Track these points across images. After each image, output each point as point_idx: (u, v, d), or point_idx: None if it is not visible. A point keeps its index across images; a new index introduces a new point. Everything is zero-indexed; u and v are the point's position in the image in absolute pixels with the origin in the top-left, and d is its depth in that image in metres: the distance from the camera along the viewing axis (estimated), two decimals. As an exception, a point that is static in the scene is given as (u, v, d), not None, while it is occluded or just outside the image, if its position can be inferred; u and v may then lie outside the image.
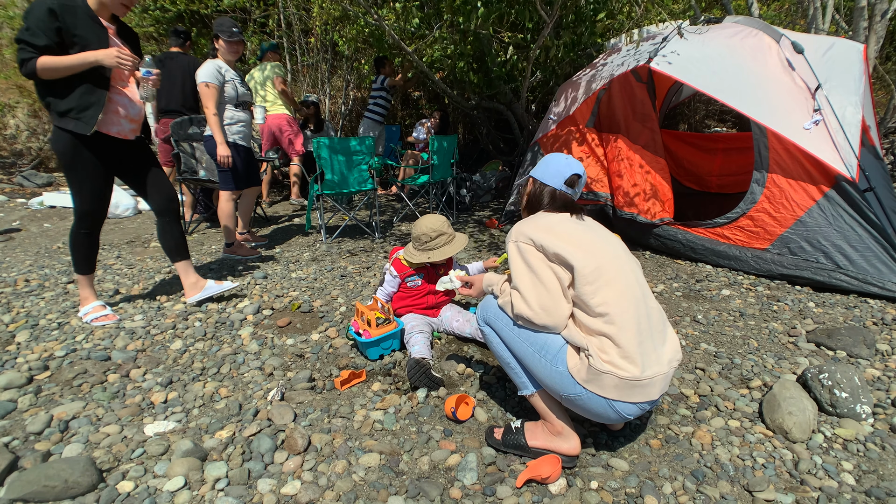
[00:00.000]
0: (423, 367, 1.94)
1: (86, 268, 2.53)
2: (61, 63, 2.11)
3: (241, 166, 3.58)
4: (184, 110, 4.63)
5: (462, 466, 1.54)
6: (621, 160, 3.83)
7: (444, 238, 2.28)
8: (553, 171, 1.62)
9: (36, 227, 4.68)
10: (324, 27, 6.53)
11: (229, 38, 3.32)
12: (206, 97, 3.30)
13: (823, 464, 1.56)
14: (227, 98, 3.42)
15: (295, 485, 1.47)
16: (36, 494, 1.37)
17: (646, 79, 3.73)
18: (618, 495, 1.44)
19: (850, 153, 2.88)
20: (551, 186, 1.61)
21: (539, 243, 1.44)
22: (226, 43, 3.34)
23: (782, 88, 3.14)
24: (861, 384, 1.80)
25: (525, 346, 1.49)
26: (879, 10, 4.61)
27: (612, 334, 1.36)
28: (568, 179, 1.60)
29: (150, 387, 1.99)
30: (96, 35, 2.21)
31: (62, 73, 2.14)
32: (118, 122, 2.37)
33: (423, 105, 7.70)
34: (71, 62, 2.13)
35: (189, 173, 4.46)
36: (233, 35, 3.34)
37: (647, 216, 3.73)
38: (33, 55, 2.08)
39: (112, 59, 2.17)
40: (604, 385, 1.36)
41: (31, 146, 7.70)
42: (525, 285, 1.45)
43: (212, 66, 3.31)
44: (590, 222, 1.58)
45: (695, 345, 2.38)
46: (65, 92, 2.20)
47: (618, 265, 1.43)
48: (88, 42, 2.18)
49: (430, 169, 5.00)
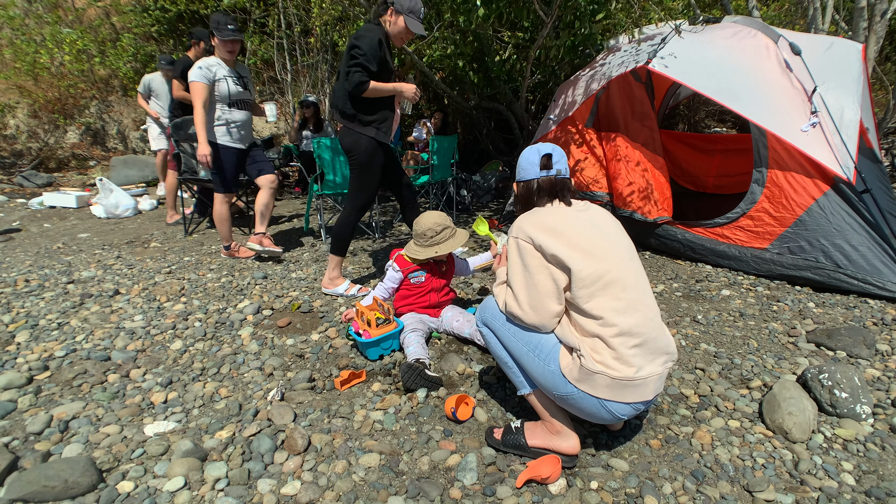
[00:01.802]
0: (417, 370, 1.92)
1: (343, 251, 2.92)
2: (381, 88, 2.60)
3: (227, 169, 3.48)
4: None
5: (462, 466, 1.54)
6: (620, 159, 3.83)
7: (448, 232, 2.34)
8: (525, 165, 1.64)
9: (36, 228, 4.68)
10: (324, 27, 6.53)
11: (223, 36, 3.27)
12: (192, 95, 3.28)
13: (823, 464, 1.56)
14: (219, 97, 3.34)
15: (295, 485, 1.47)
16: (36, 494, 1.37)
17: (644, 79, 3.73)
18: (618, 495, 1.44)
19: (846, 155, 2.88)
20: (530, 179, 1.62)
21: (538, 243, 1.43)
22: (220, 41, 3.29)
23: (780, 90, 3.14)
24: (861, 384, 1.80)
25: (520, 346, 1.50)
26: (879, 10, 4.61)
27: (606, 336, 1.36)
28: (541, 163, 1.60)
29: (150, 387, 1.99)
30: (390, 65, 2.68)
31: (378, 94, 2.63)
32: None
33: (423, 105, 7.71)
34: (385, 88, 2.62)
35: (189, 173, 4.46)
36: (226, 33, 3.27)
37: (645, 215, 3.73)
38: (367, 79, 2.52)
39: (410, 93, 2.68)
40: (595, 385, 1.36)
41: (31, 146, 7.71)
42: (517, 283, 1.46)
43: (202, 64, 3.28)
44: (595, 216, 1.53)
45: (695, 345, 2.38)
46: (373, 108, 2.68)
47: (619, 267, 1.41)
48: (390, 72, 2.67)
49: (430, 169, 5.00)
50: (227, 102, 3.40)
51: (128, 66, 7.54)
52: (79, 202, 5.54)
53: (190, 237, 4.40)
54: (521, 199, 1.67)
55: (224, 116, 3.42)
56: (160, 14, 7.29)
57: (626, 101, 3.81)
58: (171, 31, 7.63)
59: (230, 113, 3.43)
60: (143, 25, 7.43)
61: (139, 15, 7.41)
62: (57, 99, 7.75)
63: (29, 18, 7.55)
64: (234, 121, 3.46)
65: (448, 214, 5.31)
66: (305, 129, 6.08)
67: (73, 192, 5.71)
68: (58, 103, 7.77)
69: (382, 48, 2.56)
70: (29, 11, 7.66)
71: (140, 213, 5.42)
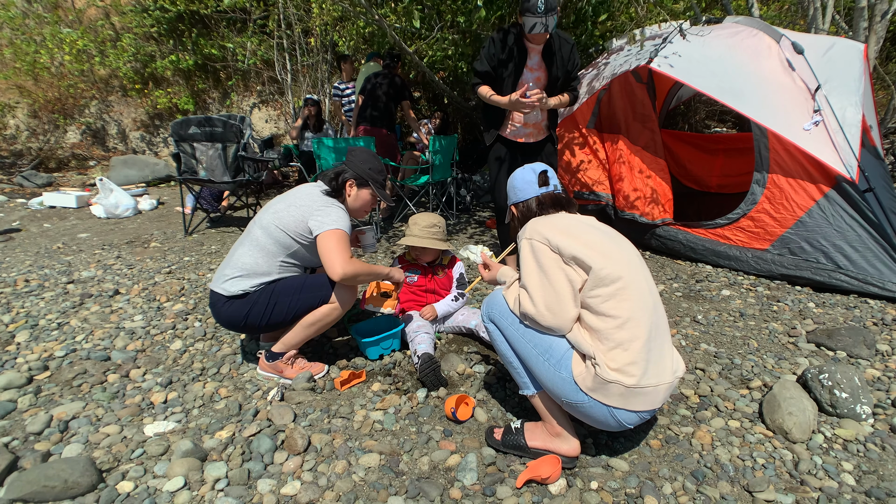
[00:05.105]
0: (435, 364, 1.96)
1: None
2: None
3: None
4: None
5: (462, 467, 1.54)
6: (622, 163, 3.84)
7: (426, 230, 2.37)
8: (521, 185, 1.66)
9: (36, 228, 4.68)
10: (324, 27, 6.53)
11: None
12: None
13: (823, 464, 1.56)
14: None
15: (295, 485, 1.47)
16: (36, 494, 1.37)
17: (646, 79, 3.73)
18: (618, 496, 1.44)
19: (849, 154, 2.88)
20: (531, 197, 1.64)
21: (556, 244, 1.42)
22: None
23: (782, 89, 3.14)
24: (861, 384, 1.80)
25: (529, 348, 1.48)
26: (879, 10, 4.61)
27: (622, 340, 1.35)
28: (539, 180, 1.62)
29: (149, 387, 1.99)
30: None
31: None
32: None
33: (424, 105, 7.71)
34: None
35: (189, 173, 4.46)
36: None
37: (648, 217, 3.74)
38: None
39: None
40: (609, 393, 1.35)
41: (31, 146, 7.71)
42: (533, 285, 1.44)
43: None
44: (601, 226, 1.56)
45: (695, 345, 2.38)
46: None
47: (632, 272, 1.41)
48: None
49: (430, 169, 5.00)
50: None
51: (128, 66, 7.54)
52: (79, 202, 5.53)
53: (190, 237, 4.40)
54: (522, 221, 1.66)
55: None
56: (160, 14, 7.28)
57: (627, 102, 3.81)
58: (170, 32, 7.63)
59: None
60: (142, 26, 7.43)
61: (139, 15, 7.41)
62: (57, 99, 7.75)
63: (29, 18, 7.55)
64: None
65: (448, 215, 5.33)
66: (305, 130, 6.08)
67: (73, 192, 5.71)
68: (58, 103, 7.78)
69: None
70: (29, 11, 7.65)
71: (140, 213, 5.41)
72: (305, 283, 1.97)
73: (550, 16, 2.53)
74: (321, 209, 1.93)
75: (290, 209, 1.95)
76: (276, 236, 1.94)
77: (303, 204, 1.95)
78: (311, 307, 1.97)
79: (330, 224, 1.89)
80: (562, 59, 2.85)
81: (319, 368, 2.10)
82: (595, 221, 1.58)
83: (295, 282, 1.98)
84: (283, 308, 1.94)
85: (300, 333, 2.01)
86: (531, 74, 2.89)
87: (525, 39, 2.79)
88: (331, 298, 1.96)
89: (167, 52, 7.61)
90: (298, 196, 1.99)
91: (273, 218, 1.95)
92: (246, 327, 1.97)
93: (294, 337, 2.02)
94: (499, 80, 2.88)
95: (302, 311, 1.97)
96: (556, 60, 2.84)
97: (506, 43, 2.79)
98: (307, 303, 1.96)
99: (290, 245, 1.96)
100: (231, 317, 1.94)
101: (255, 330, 2.00)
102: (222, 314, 1.95)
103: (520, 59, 2.82)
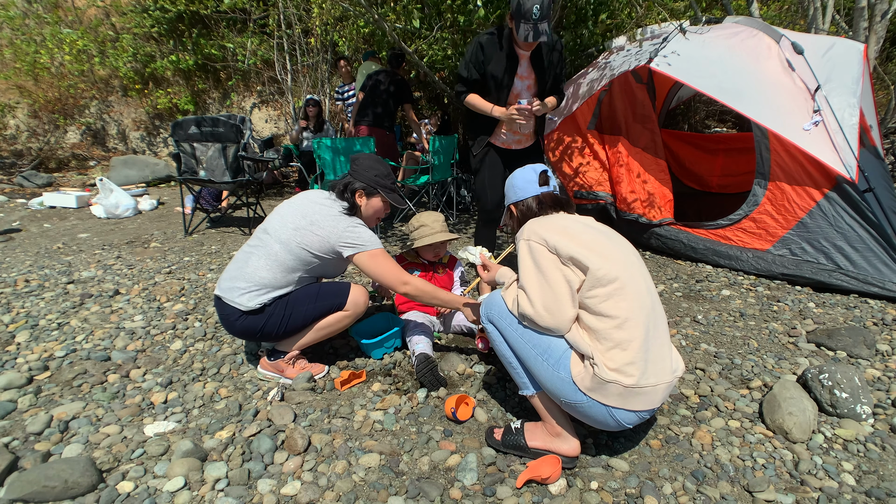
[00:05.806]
0: (432, 364, 1.96)
1: None
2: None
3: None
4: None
5: (462, 467, 1.54)
6: (622, 165, 3.84)
7: (426, 229, 2.41)
8: (521, 185, 1.65)
9: (36, 228, 4.68)
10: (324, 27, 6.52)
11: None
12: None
13: (824, 464, 1.56)
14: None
15: (295, 485, 1.47)
16: (36, 495, 1.37)
17: (646, 79, 3.73)
18: (618, 496, 1.44)
19: (849, 154, 2.88)
20: (531, 196, 1.64)
21: (553, 245, 1.42)
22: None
23: (782, 89, 3.14)
24: (861, 384, 1.80)
25: (528, 348, 1.48)
26: (879, 10, 4.61)
27: (620, 340, 1.35)
28: (539, 180, 1.62)
29: (150, 387, 1.99)
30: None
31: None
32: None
33: (424, 105, 7.71)
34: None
35: (189, 173, 4.46)
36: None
37: (648, 218, 3.74)
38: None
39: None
40: (608, 393, 1.35)
41: (31, 146, 7.71)
42: (531, 285, 1.44)
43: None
44: (599, 226, 1.56)
45: (695, 345, 2.38)
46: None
47: (630, 272, 1.41)
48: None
49: (430, 169, 5.00)
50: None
51: (127, 66, 7.54)
52: (79, 202, 5.54)
53: (190, 237, 4.40)
54: (520, 221, 1.66)
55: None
56: (160, 14, 7.28)
57: (627, 103, 3.81)
58: (170, 32, 7.63)
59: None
60: (142, 26, 7.43)
61: (139, 15, 7.41)
62: (57, 99, 7.75)
63: (29, 18, 7.55)
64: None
65: (448, 215, 5.33)
66: (306, 130, 6.08)
67: (73, 192, 5.71)
68: (58, 103, 7.78)
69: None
70: (29, 11, 7.66)
71: (140, 213, 5.41)
72: (321, 292, 1.99)
73: (545, 22, 2.40)
74: (348, 231, 1.93)
75: (312, 228, 1.91)
76: (298, 254, 1.92)
77: (326, 225, 1.92)
78: (326, 314, 2.00)
79: (366, 245, 1.93)
80: (551, 65, 2.73)
81: (320, 369, 2.10)
82: (593, 221, 1.58)
83: (310, 290, 1.99)
84: (300, 317, 1.96)
85: (310, 336, 2.03)
86: (522, 83, 2.73)
87: (514, 45, 2.63)
88: (345, 306, 1.99)
89: (167, 53, 7.61)
90: (319, 214, 1.94)
91: (294, 235, 1.91)
92: (262, 337, 1.98)
93: (303, 339, 2.04)
94: (486, 87, 2.75)
95: (318, 318, 1.99)
96: (545, 65, 2.72)
97: (494, 49, 2.64)
98: (322, 310, 1.98)
99: (312, 262, 1.96)
100: (247, 329, 1.94)
101: (271, 339, 2.01)
102: (236, 327, 1.94)
103: (510, 66, 2.65)
